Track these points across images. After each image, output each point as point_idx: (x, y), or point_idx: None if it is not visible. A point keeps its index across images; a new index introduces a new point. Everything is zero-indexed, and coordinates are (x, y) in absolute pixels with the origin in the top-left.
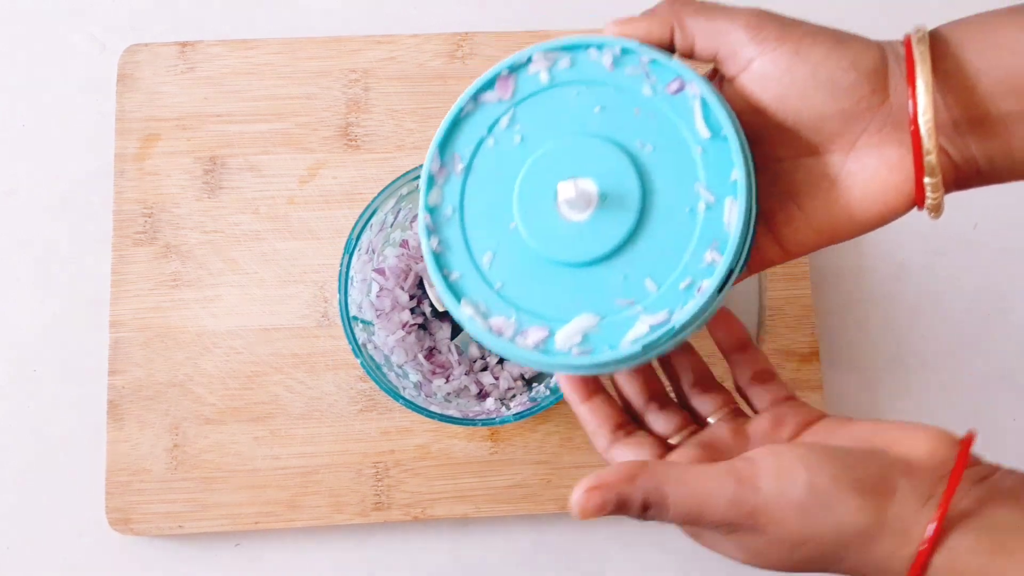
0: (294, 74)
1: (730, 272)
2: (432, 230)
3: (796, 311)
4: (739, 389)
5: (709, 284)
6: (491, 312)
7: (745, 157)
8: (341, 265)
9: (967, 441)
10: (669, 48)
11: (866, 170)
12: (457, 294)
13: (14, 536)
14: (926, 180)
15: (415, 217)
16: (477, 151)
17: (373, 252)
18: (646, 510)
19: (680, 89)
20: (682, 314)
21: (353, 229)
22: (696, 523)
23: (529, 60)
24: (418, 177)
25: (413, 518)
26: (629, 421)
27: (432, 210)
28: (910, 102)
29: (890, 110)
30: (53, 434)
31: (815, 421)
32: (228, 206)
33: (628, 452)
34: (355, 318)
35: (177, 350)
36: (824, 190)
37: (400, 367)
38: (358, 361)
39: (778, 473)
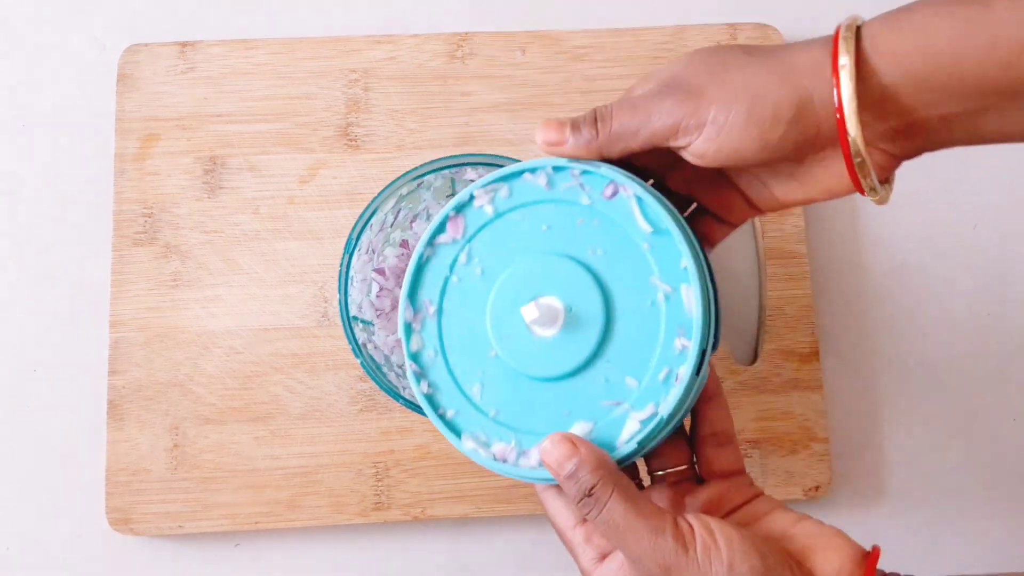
0: (294, 74)
1: (703, 353)
2: (420, 375)
3: (796, 311)
4: (695, 442)
5: (685, 370)
6: (491, 440)
7: (690, 243)
8: (341, 265)
9: (870, 566)
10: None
11: (816, 177)
12: (456, 430)
13: (14, 536)
14: (867, 195)
15: (415, 217)
16: (444, 291)
17: (373, 252)
18: (586, 495)
19: (615, 193)
20: (667, 404)
21: (353, 229)
22: (614, 542)
23: (472, 197)
24: (418, 177)
25: (413, 518)
26: None
27: (416, 356)
28: (835, 92)
29: (825, 133)
30: (53, 434)
31: (751, 500)
32: (228, 206)
33: (561, 500)
34: (355, 318)
35: (177, 350)
36: (781, 181)
37: (400, 367)
38: (358, 361)
39: (705, 547)
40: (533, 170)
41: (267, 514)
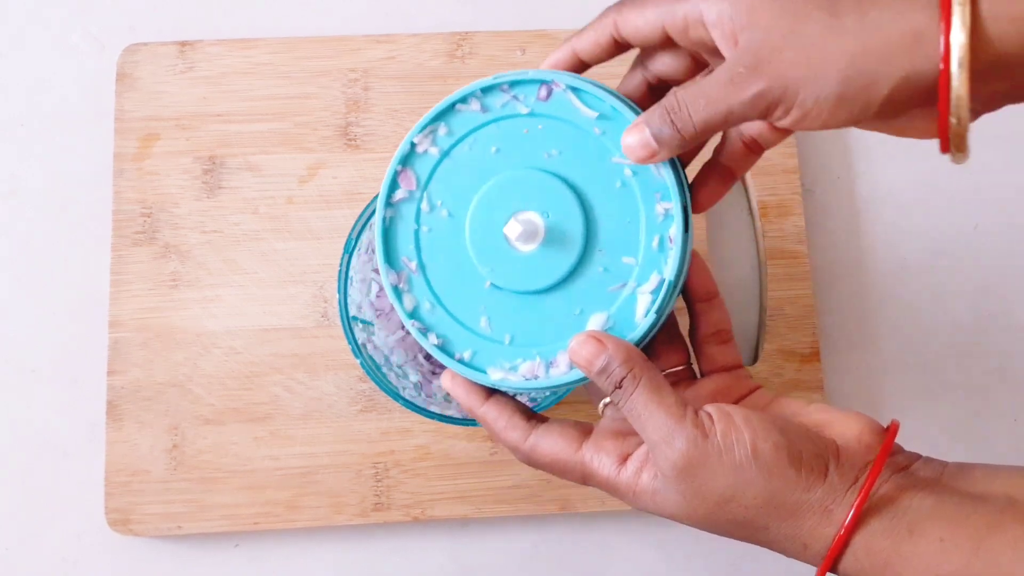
0: (294, 73)
1: (685, 209)
2: (424, 330)
3: (797, 311)
4: (696, 342)
5: (676, 230)
6: (517, 365)
7: (637, 113)
8: (341, 265)
9: (892, 431)
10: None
11: (894, 126)
12: (479, 368)
13: (14, 536)
14: (952, 158)
15: None
16: (419, 245)
17: (373, 252)
18: (616, 387)
19: (550, 93)
20: (670, 268)
21: (353, 229)
22: (638, 429)
23: (413, 145)
24: None
25: (413, 519)
26: (535, 413)
27: (414, 314)
28: (940, 65)
29: (920, 100)
30: (53, 434)
31: (751, 392)
32: (227, 206)
33: (553, 433)
34: (355, 318)
35: (176, 350)
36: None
37: (400, 367)
38: (358, 361)
39: (725, 431)
40: (464, 99)
41: (266, 514)
